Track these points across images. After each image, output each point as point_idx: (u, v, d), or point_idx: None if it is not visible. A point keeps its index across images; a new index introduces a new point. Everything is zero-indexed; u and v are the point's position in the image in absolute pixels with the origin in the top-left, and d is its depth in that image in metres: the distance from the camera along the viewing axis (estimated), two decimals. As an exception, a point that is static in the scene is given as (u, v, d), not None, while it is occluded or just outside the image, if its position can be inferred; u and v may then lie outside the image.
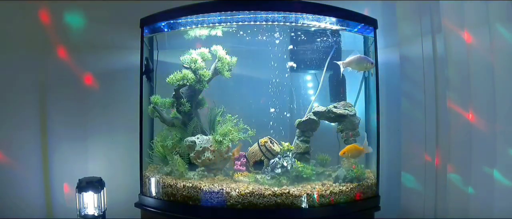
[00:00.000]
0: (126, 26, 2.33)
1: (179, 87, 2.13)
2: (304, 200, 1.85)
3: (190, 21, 2.09)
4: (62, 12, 2.44)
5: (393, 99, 2.41)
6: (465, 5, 2.18)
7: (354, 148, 2.03)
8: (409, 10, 2.34)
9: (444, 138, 2.24)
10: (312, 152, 2.18)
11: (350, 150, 2.03)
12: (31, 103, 2.44)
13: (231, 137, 2.04)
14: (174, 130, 2.18)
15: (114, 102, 2.50)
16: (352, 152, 2.03)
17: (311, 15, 2.01)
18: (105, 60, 2.51)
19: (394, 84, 2.40)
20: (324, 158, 2.24)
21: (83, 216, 2.16)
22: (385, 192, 2.17)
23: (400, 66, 2.38)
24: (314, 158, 2.24)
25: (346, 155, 2.03)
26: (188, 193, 1.91)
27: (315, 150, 2.22)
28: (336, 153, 2.21)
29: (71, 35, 2.46)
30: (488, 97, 2.15)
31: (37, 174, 2.44)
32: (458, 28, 2.20)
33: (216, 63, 2.17)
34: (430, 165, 2.28)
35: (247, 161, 2.16)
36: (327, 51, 2.24)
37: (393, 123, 2.42)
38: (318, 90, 2.27)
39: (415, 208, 2.33)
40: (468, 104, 2.19)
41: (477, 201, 2.16)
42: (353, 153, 2.03)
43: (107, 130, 2.51)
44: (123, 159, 2.47)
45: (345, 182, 1.98)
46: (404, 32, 2.36)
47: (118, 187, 2.35)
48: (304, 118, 2.17)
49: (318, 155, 2.25)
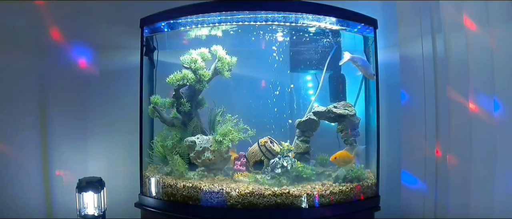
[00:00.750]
0: (126, 26, 2.33)
1: (179, 87, 2.13)
2: (304, 200, 1.85)
3: (190, 21, 2.09)
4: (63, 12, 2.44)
5: (393, 99, 2.41)
6: (465, 5, 2.18)
7: (345, 155, 2.01)
8: (409, 10, 2.34)
9: (444, 137, 2.23)
10: (312, 152, 2.18)
11: (341, 155, 2.01)
12: (31, 103, 2.44)
13: (231, 137, 2.04)
14: (174, 130, 2.18)
15: (114, 102, 2.50)
16: (343, 157, 2.01)
17: (311, 15, 2.01)
18: (105, 60, 2.51)
19: (394, 84, 2.40)
20: (324, 158, 2.24)
21: (83, 216, 2.16)
22: (385, 192, 2.17)
23: (400, 66, 2.38)
24: (314, 158, 2.24)
25: (337, 161, 2.01)
26: (188, 193, 1.91)
27: (315, 150, 2.22)
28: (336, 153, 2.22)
29: (71, 35, 2.46)
30: (488, 97, 2.15)
31: (37, 174, 2.44)
32: (458, 28, 2.20)
33: (216, 63, 2.17)
34: (430, 165, 2.28)
35: (247, 161, 2.16)
36: (327, 51, 2.24)
37: (393, 123, 2.42)
38: (318, 90, 2.27)
39: (415, 208, 2.33)
40: (468, 104, 2.18)
41: (477, 201, 2.16)
42: (344, 159, 2.01)
43: (107, 130, 2.50)
44: (123, 159, 2.47)
45: (345, 182, 1.98)
46: (404, 32, 2.36)
47: (118, 187, 2.35)
48: (304, 118, 2.17)
49: (318, 155, 2.25)
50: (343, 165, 2.02)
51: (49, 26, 2.44)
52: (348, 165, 2.02)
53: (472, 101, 2.18)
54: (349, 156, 2.01)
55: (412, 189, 2.35)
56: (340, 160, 2.01)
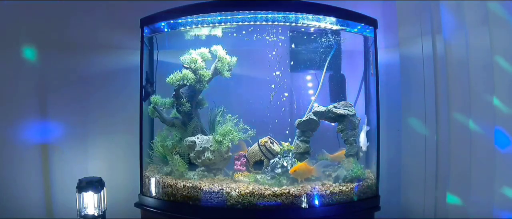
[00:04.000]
0: (126, 26, 2.33)
1: (179, 87, 2.13)
2: (304, 200, 1.86)
3: (190, 21, 2.09)
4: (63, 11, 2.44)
5: (393, 99, 2.41)
6: (465, 5, 2.18)
7: (305, 167, 1.95)
8: (409, 10, 2.34)
9: (444, 136, 2.23)
10: (312, 152, 2.18)
11: (301, 168, 1.95)
12: (31, 103, 2.44)
13: (231, 137, 2.04)
14: (174, 130, 2.18)
15: (114, 102, 2.50)
16: (302, 170, 1.95)
17: (311, 15, 2.01)
18: (105, 60, 2.51)
19: (394, 84, 2.40)
20: (324, 158, 2.24)
21: (83, 216, 2.16)
22: (385, 192, 2.17)
23: (400, 66, 2.38)
24: (314, 158, 2.24)
25: (297, 174, 1.95)
26: (188, 193, 1.91)
27: (315, 150, 2.22)
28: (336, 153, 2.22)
29: (71, 35, 2.46)
30: (488, 97, 2.15)
31: (37, 174, 2.44)
32: (458, 28, 2.20)
33: (216, 63, 2.17)
34: (430, 164, 2.28)
35: (247, 161, 2.16)
36: (327, 51, 2.24)
37: (393, 123, 2.42)
38: (318, 90, 2.27)
39: (415, 207, 2.33)
40: (468, 104, 2.18)
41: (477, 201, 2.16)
42: (303, 172, 1.95)
43: (107, 130, 2.50)
44: (123, 159, 2.47)
45: (345, 182, 1.98)
46: (404, 32, 2.36)
47: (118, 187, 2.35)
48: (304, 117, 2.17)
49: (318, 155, 2.25)
50: (306, 175, 1.96)
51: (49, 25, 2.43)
52: (307, 177, 1.97)
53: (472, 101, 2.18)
54: (308, 168, 1.96)
55: (412, 188, 2.35)
56: (299, 173, 1.94)
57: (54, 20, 2.43)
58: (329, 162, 2.11)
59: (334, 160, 2.17)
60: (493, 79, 2.13)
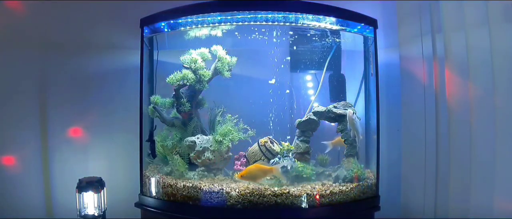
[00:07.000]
0: (126, 26, 2.33)
1: (179, 87, 2.13)
2: (304, 200, 1.86)
3: (190, 21, 2.09)
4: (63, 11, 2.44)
5: (393, 99, 2.41)
6: (465, 5, 2.18)
7: (256, 169, 1.83)
8: (409, 10, 2.34)
9: (444, 136, 2.23)
10: (312, 152, 2.19)
11: (251, 171, 1.83)
12: (31, 103, 2.44)
13: (231, 137, 2.04)
14: (174, 130, 2.18)
15: (114, 102, 2.50)
16: (254, 173, 1.83)
17: (311, 15, 2.01)
18: (105, 60, 2.51)
19: (394, 84, 2.40)
20: (324, 158, 2.24)
21: (83, 216, 2.16)
22: (385, 192, 2.17)
23: (400, 66, 2.38)
24: (314, 158, 2.24)
25: (248, 178, 1.83)
26: (188, 193, 1.91)
27: (315, 150, 2.22)
28: (336, 153, 2.22)
29: (72, 34, 2.46)
30: (488, 97, 2.15)
31: (37, 174, 2.44)
32: (458, 28, 2.20)
33: (216, 63, 2.17)
34: (430, 164, 2.28)
35: (247, 161, 2.16)
36: (327, 51, 2.24)
37: (393, 123, 2.42)
38: (318, 90, 2.27)
39: (415, 208, 2.33)
40: (468, 104, 2.18)
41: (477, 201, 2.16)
42: (256, 174, 1.83)
43: (107, 130, 2.51)
44: (123, 159, 2.47)
45: (345, 182, 1.98)
46: (404, 32, 2.36)
47: (118, 187, 2.35)
48: (304, 117, 2.17)
49: (318, 155, 2.25)
50: (260, 177, 1.86)
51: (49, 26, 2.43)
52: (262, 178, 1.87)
53: (472, 102, 2.18)
54: (263, 168, 1.86)
55: (412, 188, 2.35)
56: (251, 176, 1.84)
57: (54, 20, 2.43)
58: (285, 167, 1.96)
59: (335, 146, 2.18)
60: (493, 79, 2.13)
